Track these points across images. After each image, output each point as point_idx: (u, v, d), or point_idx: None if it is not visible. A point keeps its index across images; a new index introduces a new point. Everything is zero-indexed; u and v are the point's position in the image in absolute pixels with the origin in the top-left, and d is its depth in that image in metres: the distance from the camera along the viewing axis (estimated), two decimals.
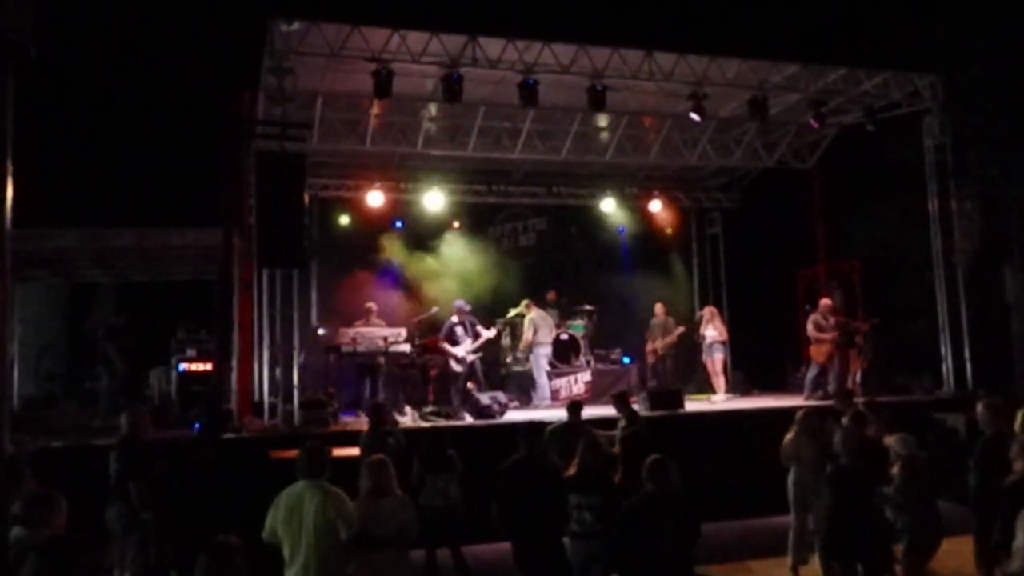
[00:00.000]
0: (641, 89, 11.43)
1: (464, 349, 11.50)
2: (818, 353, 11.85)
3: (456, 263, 13.59)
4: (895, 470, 5.93)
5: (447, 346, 11.48)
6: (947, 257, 11.83)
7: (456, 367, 11.43)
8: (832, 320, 11.90)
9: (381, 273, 13.60)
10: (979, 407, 6.04)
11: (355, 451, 6.97)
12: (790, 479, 7.13)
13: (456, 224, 14.21)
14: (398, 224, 14.01)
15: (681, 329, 13.04)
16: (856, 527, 5.48)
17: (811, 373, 11.89)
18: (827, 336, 11.74)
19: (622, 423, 7.83)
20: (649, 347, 13.34)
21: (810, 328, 11.91)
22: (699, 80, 10.88)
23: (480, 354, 11.81)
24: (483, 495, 5.77)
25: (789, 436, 7.17)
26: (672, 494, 4.87)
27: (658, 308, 13.40)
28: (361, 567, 4.74)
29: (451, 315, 11.71)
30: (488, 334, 11.81)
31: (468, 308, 11.81)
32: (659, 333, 13.21)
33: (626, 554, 4.83)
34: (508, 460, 5.74)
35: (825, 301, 12.31)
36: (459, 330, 11.55)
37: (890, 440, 6.26)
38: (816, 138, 13.92)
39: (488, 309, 13.31)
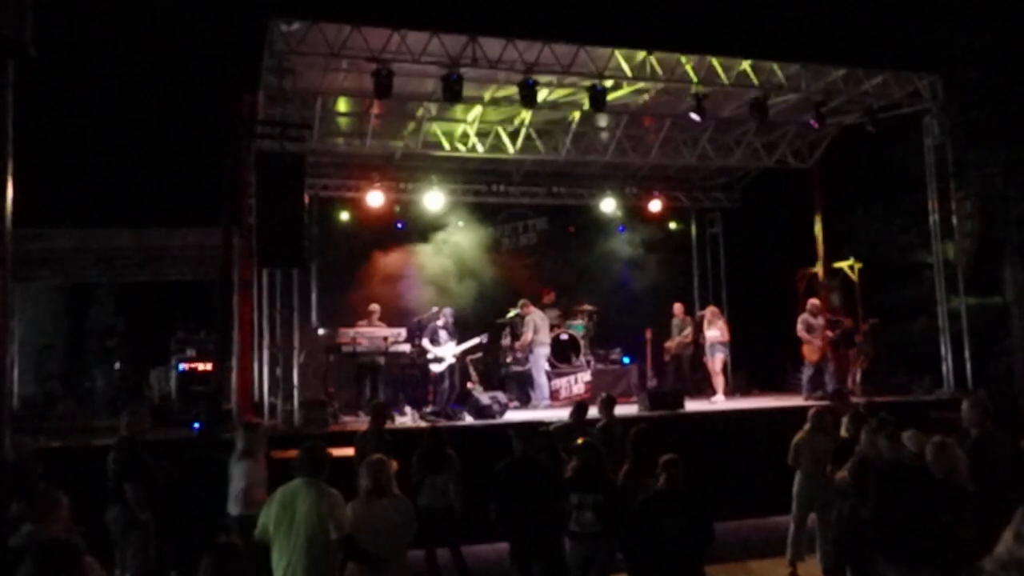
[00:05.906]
0: (641, 89, 11.42)
1: (446, 351, 11.28)
2: (810, 352, 11.87)
3: (456, 263, 13.57)
4: None
5: (427, 344, 11.29)
6: (947, 257, 11.83)
7: (434, 367, 11.22)
8: (821, 319, 11.91)
9: (381, 273, 13.59)
10: (964, 405, 5.85)
11: (350, 451, 6.99)
12: (798, 477, 7.13)
13: (460, 224, 14.23)
14: (400, 226, 14.10)
15: (689, 331, 13.20)
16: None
17: (807, 373, 11.91)
18: (816, 335, 11.75)
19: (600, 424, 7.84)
20: (668, 344, 13.52)
21: (800, 328, 11.92)
22: (699, 80, 10.88)
23: (476, 354, 11.77)
24: (483, 495, 5.77)
25: (801, 434, 7.17)
26: (683, 493, 4.87)
27: (676, 308, 13.59)
28: (358, 567, 4.74)
29: (436, 318, 11.55)
30: (475, 341, 11.59)
31: (452, 319, 11.61)
32: (676, 333, 13.42)
33: (635, 550, 4.82)
34: (504, 460, 5.75)
35: (813, 301, 12.34)
36: (443, 333, 11.38)
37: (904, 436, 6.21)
38: (816, 138, 13.89)
39: (488, 309, 13.31)
